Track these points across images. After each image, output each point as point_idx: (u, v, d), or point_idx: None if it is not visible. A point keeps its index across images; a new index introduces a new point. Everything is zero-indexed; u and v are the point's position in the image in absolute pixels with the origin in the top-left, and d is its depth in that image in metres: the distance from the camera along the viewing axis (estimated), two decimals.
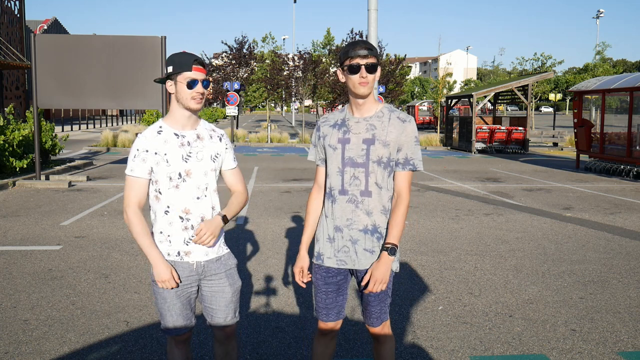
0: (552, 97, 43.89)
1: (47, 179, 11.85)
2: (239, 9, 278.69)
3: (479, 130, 22.35)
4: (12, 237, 6.95)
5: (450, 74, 49.19)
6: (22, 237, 6.95)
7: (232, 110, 23.47)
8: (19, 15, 26.65)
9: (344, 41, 29.44)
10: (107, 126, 40.39)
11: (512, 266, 5.94)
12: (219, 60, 32.59)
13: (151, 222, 2.66)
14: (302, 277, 2.67)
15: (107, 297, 4.77)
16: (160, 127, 2.59)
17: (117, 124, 43.61)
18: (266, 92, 32.00)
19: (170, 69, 2.53)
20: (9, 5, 25.94)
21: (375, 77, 2.49)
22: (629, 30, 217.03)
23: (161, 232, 2.60)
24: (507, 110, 64.63)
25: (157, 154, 2.53)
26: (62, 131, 27.51)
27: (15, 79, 26.39)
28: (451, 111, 27.10)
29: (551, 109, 75.39)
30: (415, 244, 6.84)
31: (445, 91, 48.40)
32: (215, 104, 45.22)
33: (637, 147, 14.08)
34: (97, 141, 23.40)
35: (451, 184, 12.66)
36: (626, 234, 7.57)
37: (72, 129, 33.16)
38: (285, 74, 30.33)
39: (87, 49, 11.18)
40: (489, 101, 26.38)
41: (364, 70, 2.44)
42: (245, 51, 31.91)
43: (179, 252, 2.60)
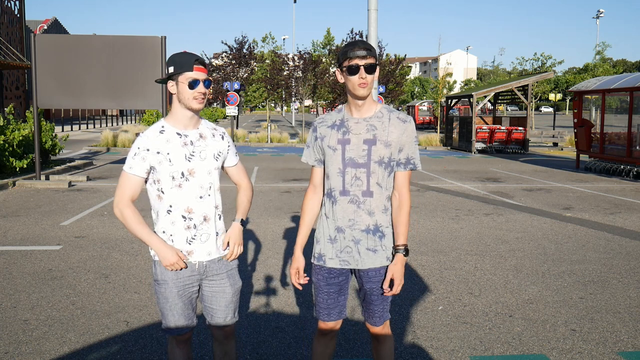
0: (552, 97, 43.89)
1: (47, 179, 11.85)
2: (239, 9, 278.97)
3: (479, 130, 22.36)
4: (12, 237, 6.95)
5: (450, 74, 49.20)
6: (22, 237, 6.96)
7: (232, 110, 23.46)
8: (19, 15, 26.63)
9: (343, 41, 29.40)
10: (107, 126, 40.39)
11: (512, 266, 5.94)
12: (219, 60, 32.60)
13: (153, 222, 2.66)
14: (298, 278, 2.67)
15: (107, 297, 4.77)
16: (162, 126, 2.59)
17: (117, 124, 43.61)
18: (266, 92, 32.02)
19: (171, 70, 2.53)
20: (9, 5, 25.91)
21: (374, 78, 2.49)
22: (629, 30, 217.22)
23: (164, 232, 2.60)
24: (507, 110, 64.62)
25: (159, 153, 2.53)
26: (62, 131, 27.51)
27: (15, 79, 26.37)
28: (451, 111, 27.11)
29: (551, 109, 75.39)
30: (415, 244, 6.84)
31: (445, 91, 48.38)
32: (215, 104, 45.29)
33: (637, 147, 14.08)
34: (97, 141, 23.41)
35: (451, 184, 12.66)
36: (626, 234, 7.57)
37: (72, 129, 33.17)
38: (285, 74, 30.35)
39: (87, 49, 11.19)
40: (489, 101, 26.39)
41: (363, 71, 2.44)
42: (245, 51, 31.93)
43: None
